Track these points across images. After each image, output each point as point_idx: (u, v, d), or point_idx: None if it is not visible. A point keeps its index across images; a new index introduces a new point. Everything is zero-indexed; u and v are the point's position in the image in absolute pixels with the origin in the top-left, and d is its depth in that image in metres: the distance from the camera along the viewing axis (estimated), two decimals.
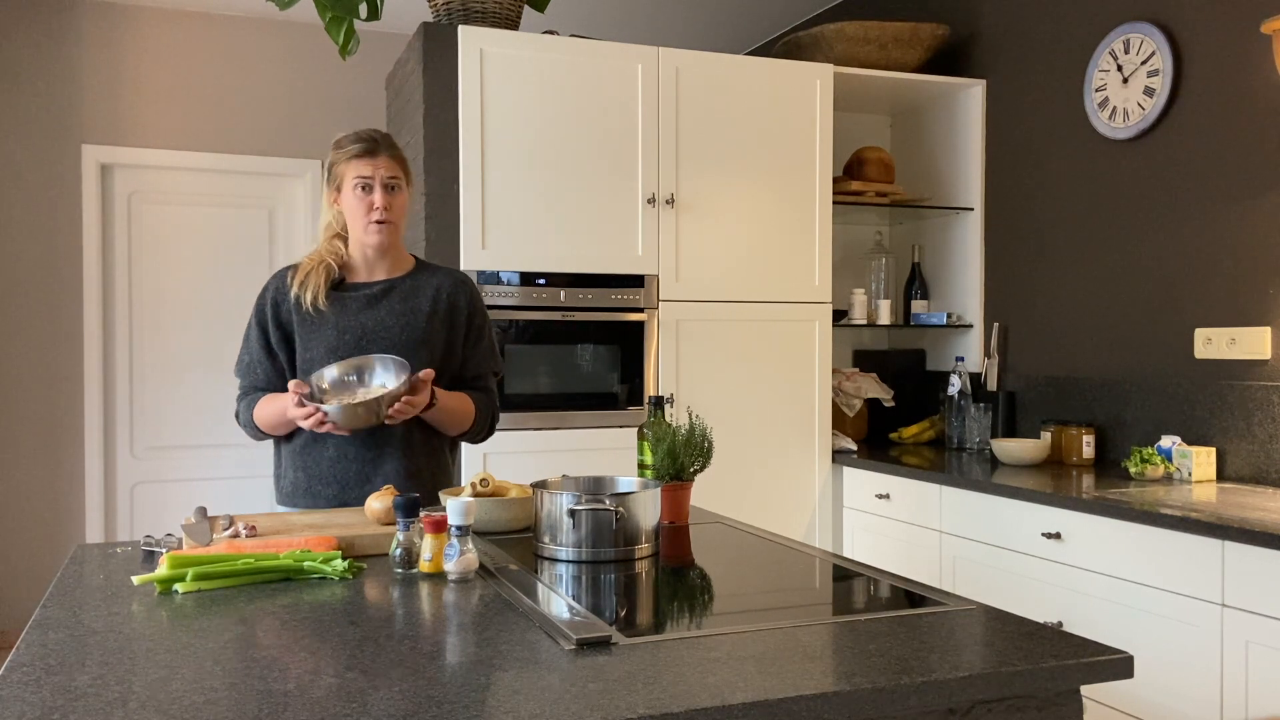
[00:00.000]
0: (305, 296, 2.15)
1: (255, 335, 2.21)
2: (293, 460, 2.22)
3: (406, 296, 2.22)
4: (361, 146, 2.14)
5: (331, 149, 2.20)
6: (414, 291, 2.23)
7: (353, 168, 2.14)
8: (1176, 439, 2.98)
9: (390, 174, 2.15)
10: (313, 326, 2.17)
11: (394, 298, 2.21)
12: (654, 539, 1.83)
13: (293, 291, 2.18)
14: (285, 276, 2.21)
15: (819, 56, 3.84)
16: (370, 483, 2.18)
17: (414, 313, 2.21)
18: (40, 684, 1.13)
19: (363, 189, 2.14)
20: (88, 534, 4.64)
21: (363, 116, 5.06)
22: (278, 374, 2.20)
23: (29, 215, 4.55)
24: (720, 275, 3.52)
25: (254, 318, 2.22)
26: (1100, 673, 1.23)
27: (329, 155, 2.21)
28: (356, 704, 1.07)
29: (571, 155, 3.34)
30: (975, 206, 3.91)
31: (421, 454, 2.23)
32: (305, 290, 2.16)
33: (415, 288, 2.23)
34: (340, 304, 2.18)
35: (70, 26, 4.60)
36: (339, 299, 2.18)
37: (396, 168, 2.17)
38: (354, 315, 2.17)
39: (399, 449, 2.19)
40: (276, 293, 2.20)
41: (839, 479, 3.68)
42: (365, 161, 2.14)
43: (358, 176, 2.14)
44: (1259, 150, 2.85)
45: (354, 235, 2.20)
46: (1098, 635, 2.58)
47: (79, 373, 4.63)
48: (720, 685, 1.12)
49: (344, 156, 2.15)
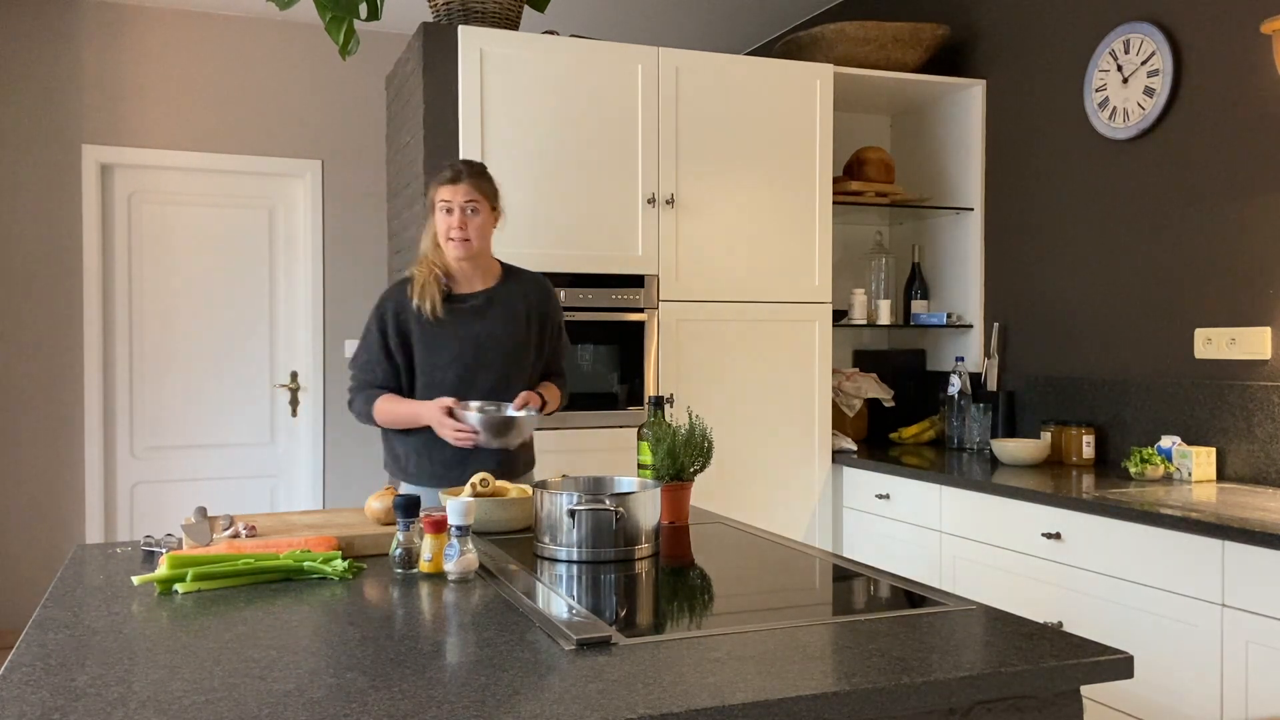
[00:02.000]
0: (425, 307, 2.46)
1: (375, 339, 2.50)
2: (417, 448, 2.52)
3: (506, 305, 2.55)
4: (447, 175, 2.48)
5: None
6: (510, 300, 2.56)
7: (439, 193, 2.47)
8: (1176, 439, 2.98)
9: (468, 199, 2.46)
10: (434, 335, 2.48)
11: (496, 308, 2.54)
12: (654, 539, 1.83)
13: (414, 302, 2.47)
14: (404, 289, 2.50)
15: (819, 56, 3.84)
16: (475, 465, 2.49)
17: (515, 320, 2.56)
18: (40, 684, 1.13)
19: (445, 211, 2.46)
20: (88, 534, 4.64)
21: (363, 116, 5.06)
22: (393, 374, 2.51)
23: (29, 215, 4.55)
24: (720, 275, 3.52)
25: (374, 324, 2.51)
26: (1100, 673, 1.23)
27: None
28: (356, 704, 1.07)
29: (571, 155, 3.34)
30: (975, 206, 3.91)
31: None
32: (424, 301, 2.46)
33: (510, 296, 2.57)
34: (454, 314, 2.50)
35: (70, 26, 4.60)
36: (451, 309, 2.50)
37: (476, 193, 2.48)
38: (469, 325, 2.50)
39: None
40: (397, 304, 2.49)
41: (839, 479, 3.68)
42: (448, 187, 2.47)
43: (441, 200, 2.47)
44: (1259, 150, 2.85)
45: (444, 248, 2.50)
46: (1098, 635, 2.58)
47: (79, 372, 4.63)
48: (720, 685, 1.12)
49: (435, 183, 2.49)
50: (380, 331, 2.51)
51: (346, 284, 5.06)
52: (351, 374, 2.59)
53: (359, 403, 2.54)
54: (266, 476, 4.99)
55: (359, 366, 2.56)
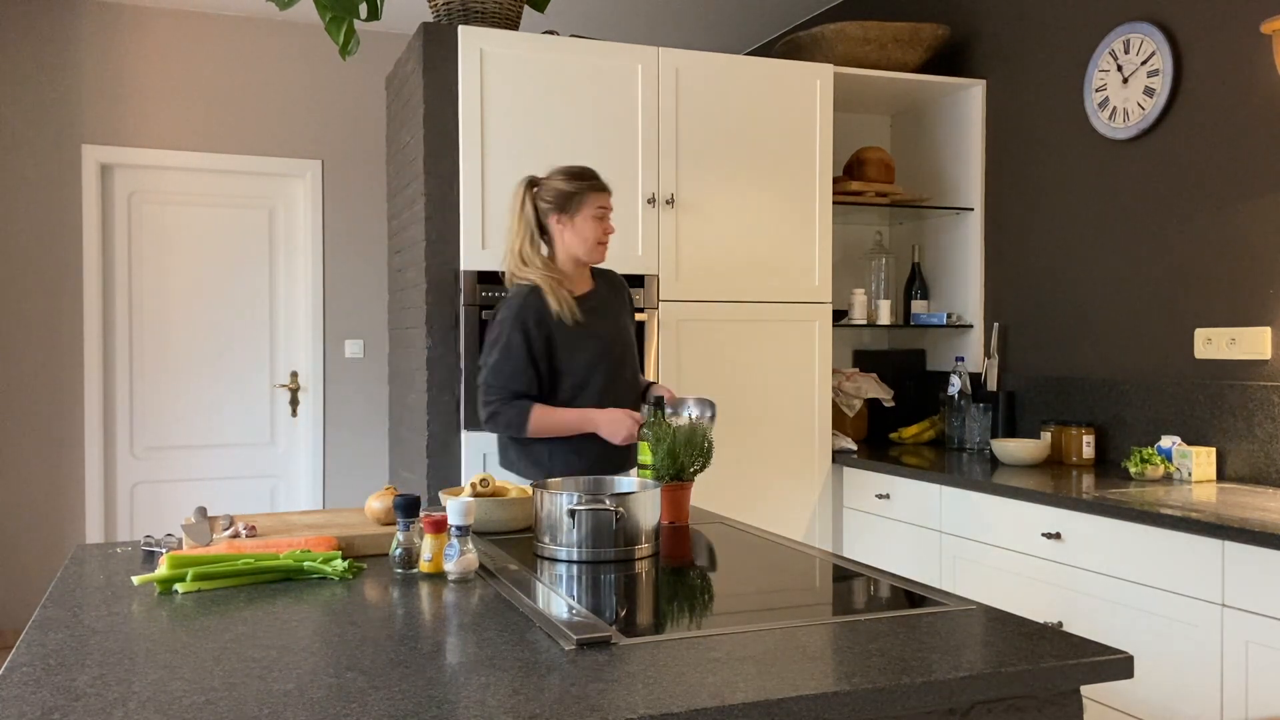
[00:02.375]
0: (565, 313, 2.52)
1: (520, 348, 2.51)
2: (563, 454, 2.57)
3: (613, 303, 2.67)
4: (599, 183, 2.56)
5: (563, 178, 2.54)
6: (613, 298, 2.68)
7: (594, 199, 2.54)
8: (1176, 439, 2.98)
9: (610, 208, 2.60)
10: (575, 338, 2.55)
11: (609, 307, 2.65)
12: (654, 539, 1.83)
13: (554, 309, 2.52)
14: (540, 296, 2.53)
15: (819, 56, 3.84)
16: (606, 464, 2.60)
17: (624, 314, 2.70)
18: (40, 684, 1.13)
19: (598, 219, 2.54)
20: (88, 534, 4.64)
21: (363, 116, 5.06)
22: (537, 382, 2.54)
23: (29, 215, 4.55)
24: (720, 275, 3.52)
25: (515, 334, 2.51)
26: (1100, 673, 1.23)
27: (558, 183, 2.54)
28: (356, 704, 1.07)
29: (571, 155, 3.34)
30: (975, 206, 3.91)
31: None
32: (563, 306, 2.53)
33: (611, 294, 2.68)
34: (585, 316, 2.58)
35: (70, 26, 4.60)
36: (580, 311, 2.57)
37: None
38: (600, 324, 2.59)
39: None
40: (537, 312, 2.52)
41: (839, 479, 3.68)
42: (604, 195, 2.56)
43: (599, 207, 2.54)
44: (1259, 150, 2.85)
45: (578, 252, 2.55)
46: (1098, 635, 2.58)
47: (79, 373, 4.63)
48: (720, 685, 1.12)
49: (586, 188, 2.54)
50: (525, 341, 2.51)
51: (346, 284, 5.06)
52: (491, 385, 2.54)
53: (510, 414, 2.52)
54: (266, 476, 4.99)
55: (504, 377, 2.53)
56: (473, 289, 3.21)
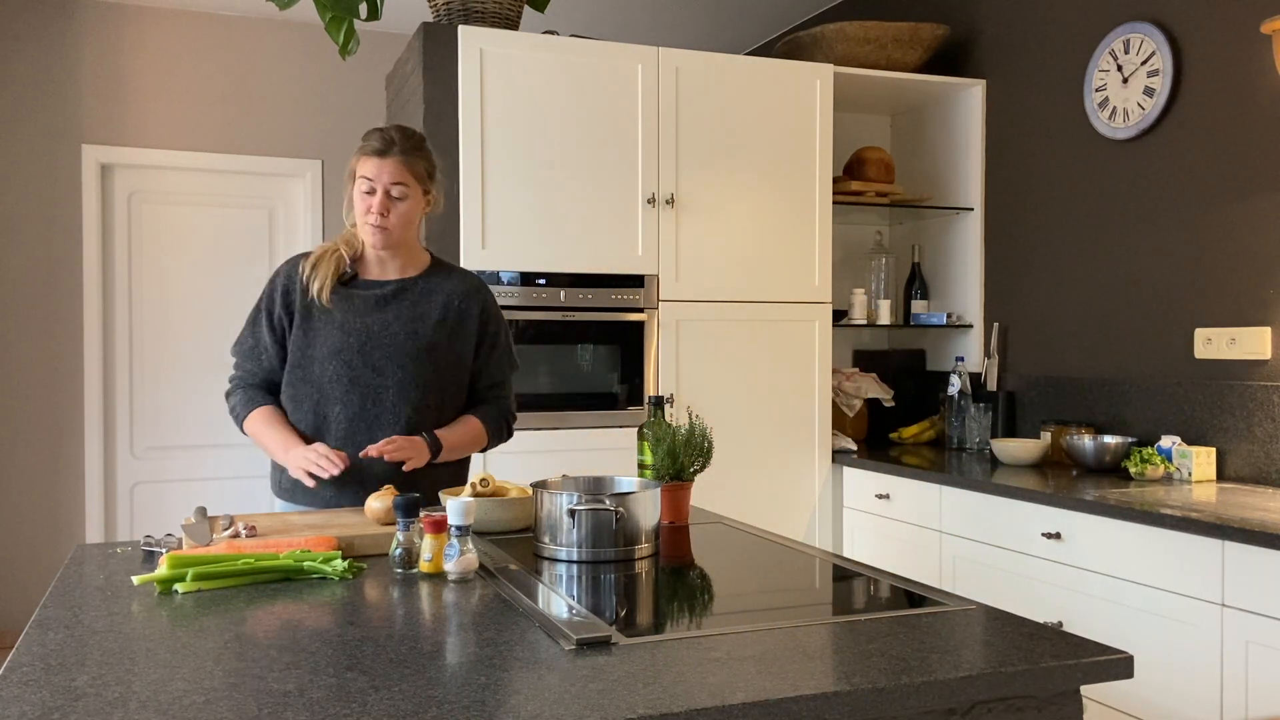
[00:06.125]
0: (313, 286, 2.12)
1: (262, 319, 2.17)
2: None
3: (417, 301, 2.19)
4: (373, 146, 2.10)
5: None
6: (425, 296, 2.20)
7: (362, 165, 2.11)
8: (1176, 439, 2.98)
9: (395, 180, 2.10)
10: (317, 322, 2.13)
11: (404, 301, 2.18)
12: (654, 539, 1.83)
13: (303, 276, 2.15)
14: (299, 263, 2.18)
15: (819, 56, 3.84)
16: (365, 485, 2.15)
17: (422, 319, 2.17)
18: (40, 684, 1.13)
19: (365, 191, 2.11)
20: (88, 534, 4.64)
21: (363, 116, 5.06)
22: (279, 364, 2.18)
23: (29, 215, 4.55)
24: (720, 275, 3.52)
25: (263, 303, 2.18)
26: (1100, 673, 1.23)
27: None
28: (356, 704, 1.07)
29: (571, 155, 3.34)
30: (975, 206, 3.91)
31: None
32: (313, 279, 2.12)
33: (427, 291, 2.20)
34: (348, 302, 2.14)
35: (70, 26, 4.60)
36: (348, 296, 2.15)
37: (406, 174, 2.11)
38: (360, 315, 2.14)
39: None
40: (288, 279, 2.17)
41: (839, 479, 3.68)
42: (373, 162, 2.10)
43: (363, 176, 2.11)
44: (1259, 150, 2.85)
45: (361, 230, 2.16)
46: (1098, 635, 2.58)
47: (79, 372, 4.63)
48: (720, 685, 1.12)
49: (359, 152, 2.12)
50: (268, 312, 2.16)
51: None
52: (235, 361, 2.23)
53: (239, 406, 2.18)
54: (266, 477, 4.99)
55: (243, 353, 2.20)
56: None
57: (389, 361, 2.13)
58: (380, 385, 2.13)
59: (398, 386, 2.14)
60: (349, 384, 2.12)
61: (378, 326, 2.14)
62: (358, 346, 2.12)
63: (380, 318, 2.15)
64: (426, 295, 2.20)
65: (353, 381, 2.12)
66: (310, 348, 2.14)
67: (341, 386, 2.12)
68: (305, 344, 2.14)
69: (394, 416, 2.14)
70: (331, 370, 2.12)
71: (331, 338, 2.12)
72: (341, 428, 2.13)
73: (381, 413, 2.13)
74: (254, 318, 2.19)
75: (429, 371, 2.17)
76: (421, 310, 2.18)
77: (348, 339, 2.12)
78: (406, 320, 2.16)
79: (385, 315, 2.15)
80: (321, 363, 2.12)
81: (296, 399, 2.16)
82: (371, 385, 2.13)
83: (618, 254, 3.38)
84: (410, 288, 2.20)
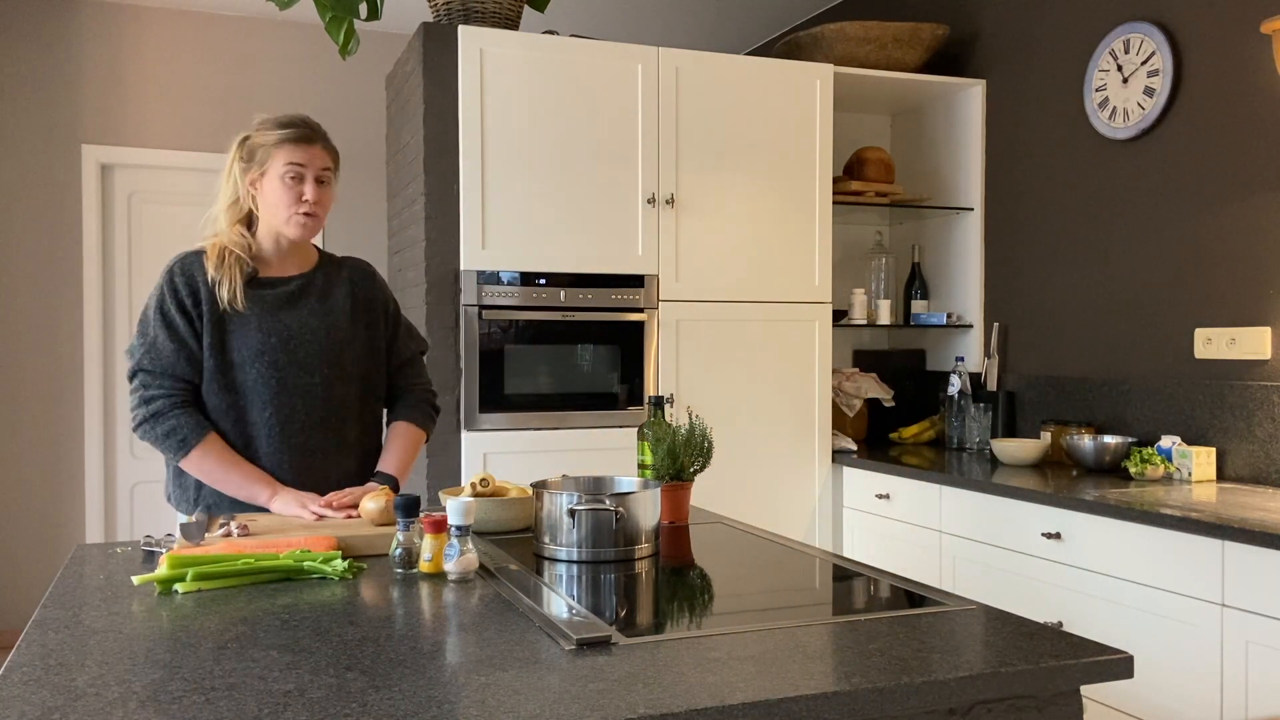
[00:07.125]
0: (223, 294, 2.01)
1: (179, 324, 2.01)
2: None
3: (323, 295, 2.13)
4: (297, 132, 2.02)
5: (256, 127, 2.06)
6: (328, 288, 2.15)
7: (284, 153, 2.01)
8: (1176, 439, 2.98)
9: (324, 165, 2.05)
10: (234, 326, 2.03)
11: (311, 296, 2.12)
12: (654, 539, 1.83)
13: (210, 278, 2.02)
14: (192, 265, 2.05)
15: (819, 56, 3.83)
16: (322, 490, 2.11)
17: (334, 312, 2.13)
18: (40, 684, 1.13)
19: (293, 178, 2.02)
20: (88, 534, 4.64)
21: (363, 116, 5.06)
22: (197, 366, 2.03)
23: (29, 215, 4.55)
24: (720, 275, 3.52)
25: (169, 303, 2.01)
26: (1100, 673, 1.23)
27: (251, 133, 2.06)
28: (356, 704, 1.07)
29: (571, 155, 3.34)
30: (975, 206, 3.91)
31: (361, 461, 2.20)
32: (221, 288, 2.01)
33: (328, 283, 2.15)
34: (259, 302, 2.06)
35: (70, 26, 4.60)
36: (256, 297, 2.06)
37: (330, 160, 2.07)
38: (274, 315, 2.06)
39: (339, 458, 2.14)
40: (190, 281, 2.02)
41: (839, 479, 3.68)
42: (300, 149, 2.02)
43: (290, 163, 2.01)
44: (1259, 150, 2.85)
45: (271, 225, 2.07)
46: (1098, 635, 2.58)
47: (79, 373, 4.62)
48: (720, 685, 1.12)
49: (275, 139, 2.02)
50: (180, 313, 2.00)
51: None
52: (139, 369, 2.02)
53: (177, 425, 1.98)
54: None
55: (161, 364, 2.00)
56: (473, 289, 3.21)
57: (315, 359, 2.08)
58: (309, 384, 2.07)
59: (325, 383, 2.09)
60: (278, 385, 2.04)
61: (295, 324, 2.08)
62: (280, 346, 2.05)
63: (295, 315, 2.09)
64: (329, 287, 2.16)
65: (281, 383, 2.05)
66: (228, 353, 2.04)
67: (270, 389, 2.04)
68: (221, 350, 2.03)
69: (325, 413, 2.09)
70: (255, 374, 2.04)
71: (250, 340, 2.03)
72: (275, 431, 2.05)
73: (312, 410, 2.08)
74: (162, 323, 2.02)
75: (352, 363, 2.14)
76: (330, 304, 2.14)
77: (268, 339, 2.04)
78: (320, 315, 2.11)
79: (300, 312, 2.09)
80: (243, 368, 2.03)
81: (218, 410, 2.05)
82: (301, 384, 2.06)
83: (618, 254, 3.38)
84: (312, 281, 2.14)
